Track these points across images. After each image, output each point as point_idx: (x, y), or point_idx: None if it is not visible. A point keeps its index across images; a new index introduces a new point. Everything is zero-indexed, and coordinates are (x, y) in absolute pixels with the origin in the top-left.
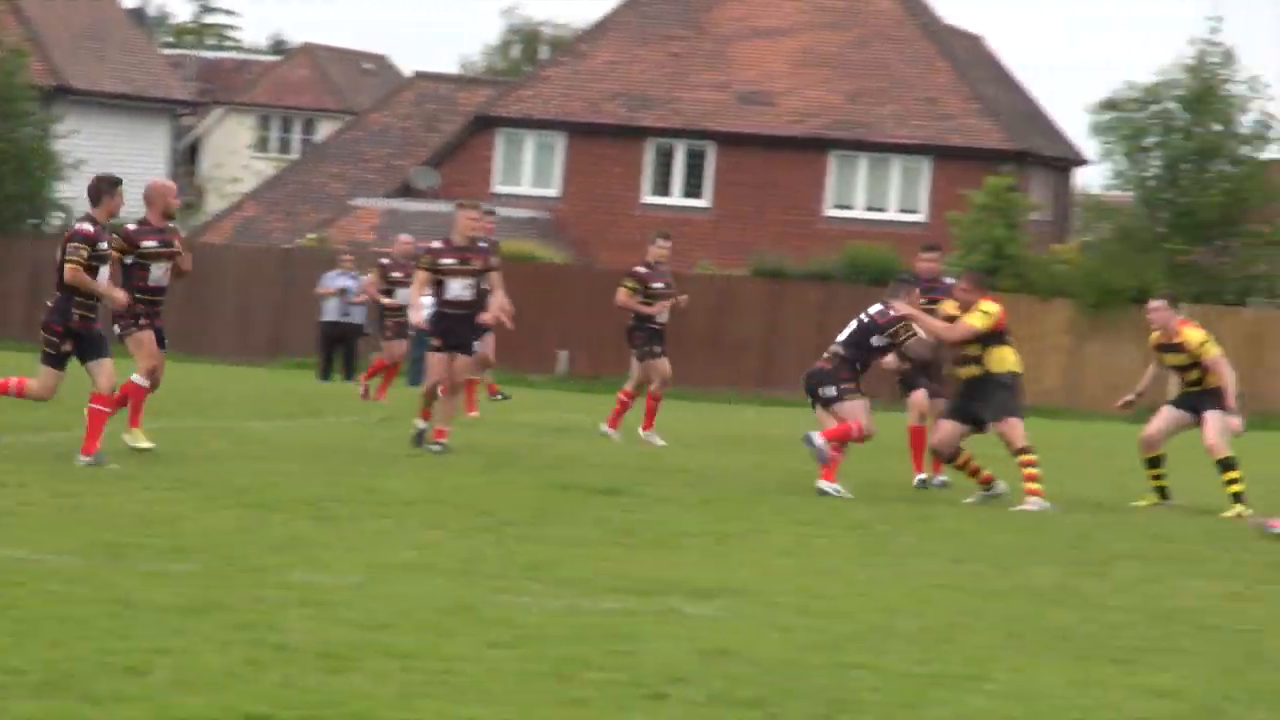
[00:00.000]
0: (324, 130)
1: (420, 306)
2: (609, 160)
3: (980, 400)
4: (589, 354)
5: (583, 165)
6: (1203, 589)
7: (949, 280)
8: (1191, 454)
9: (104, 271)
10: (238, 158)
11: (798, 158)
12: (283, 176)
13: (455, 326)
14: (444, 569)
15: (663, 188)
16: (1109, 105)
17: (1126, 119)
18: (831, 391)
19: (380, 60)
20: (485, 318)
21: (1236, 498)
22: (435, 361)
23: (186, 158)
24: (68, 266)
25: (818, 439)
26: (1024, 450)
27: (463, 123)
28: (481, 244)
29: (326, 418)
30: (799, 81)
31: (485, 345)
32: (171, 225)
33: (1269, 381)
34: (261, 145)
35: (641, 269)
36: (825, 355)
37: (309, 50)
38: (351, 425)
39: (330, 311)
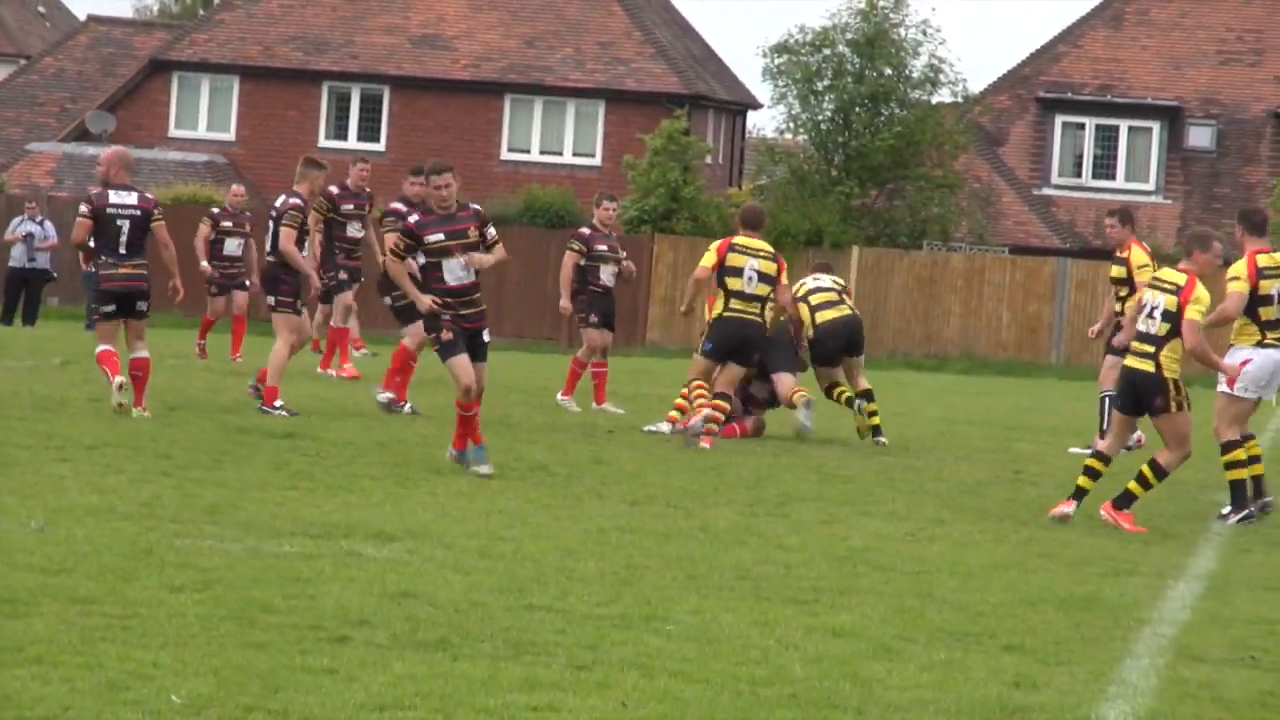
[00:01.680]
0: None
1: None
2: (284, 104)
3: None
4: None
5: (258, 109)
6: (879, 529)
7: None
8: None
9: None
10: None
11: (473, 102)
12: None
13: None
14: (124, 513)
15: (339, 131)
16: (781, 49)
17: (799, 63)
18: None
19: (53, 3)
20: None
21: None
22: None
23: None
24: None
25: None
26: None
27: (138, 67)
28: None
29: (6, 362)
30: (474, 25)
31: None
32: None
33: (942, 323)
34: None
35: (586, 230)
36: None
37: None
38: (30, 370)
39: (17, 257)
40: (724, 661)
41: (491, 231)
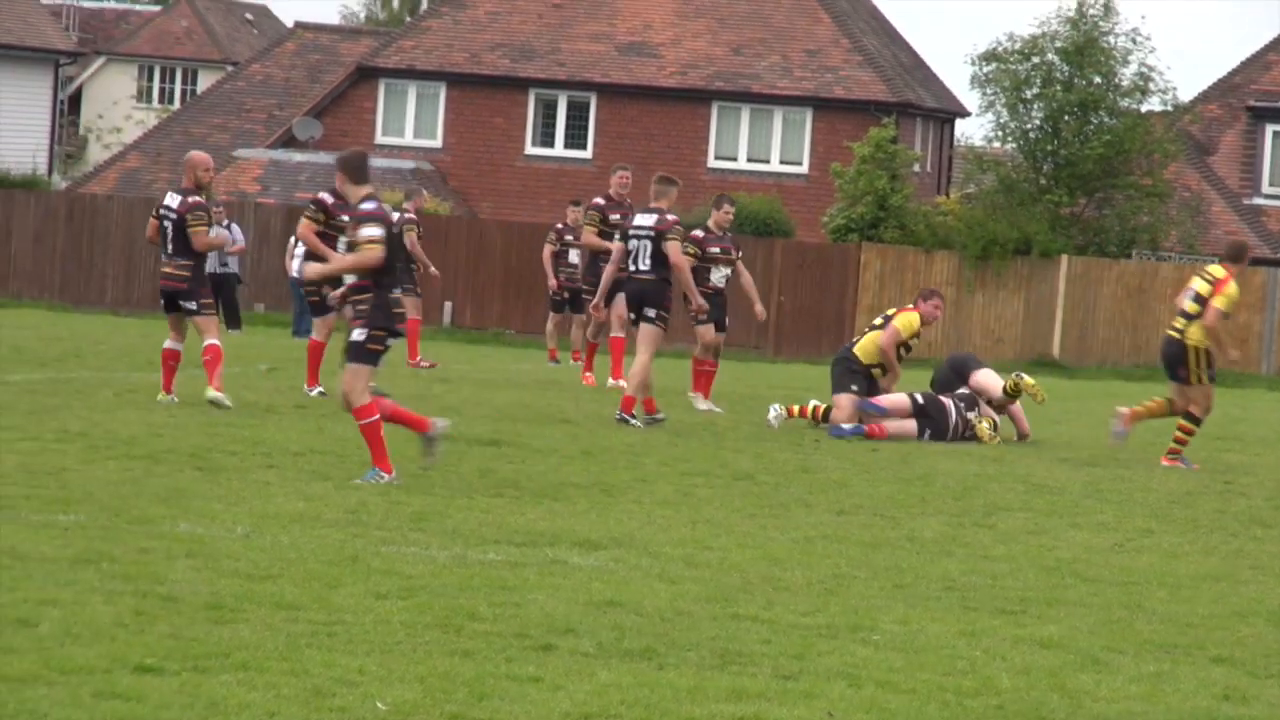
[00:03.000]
0: (206, 81)
1: (295, 256)
2: (491, 111)
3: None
4: (473, 306)
5: (465, 116)
6: (1087, 541)
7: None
8: (1083, 406)
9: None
10: (120, 108)
11: (680, 109)
12: (165, 127)
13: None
14: (330, 520)
15: (546, 139)
16: (990, 57)
17: (1008, 70)
18: None
19: (261, 10)
20: None
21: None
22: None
23: (69, 108)
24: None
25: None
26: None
27: (344, 73)
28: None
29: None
30: (681, 32)
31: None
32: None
33: (1151, 332)
34: (144, 96)
35: (699, 232)
36: None
37: (190, 0)
38: (236, 376)
39: (209, 263)
40: (930, 672)
41: None
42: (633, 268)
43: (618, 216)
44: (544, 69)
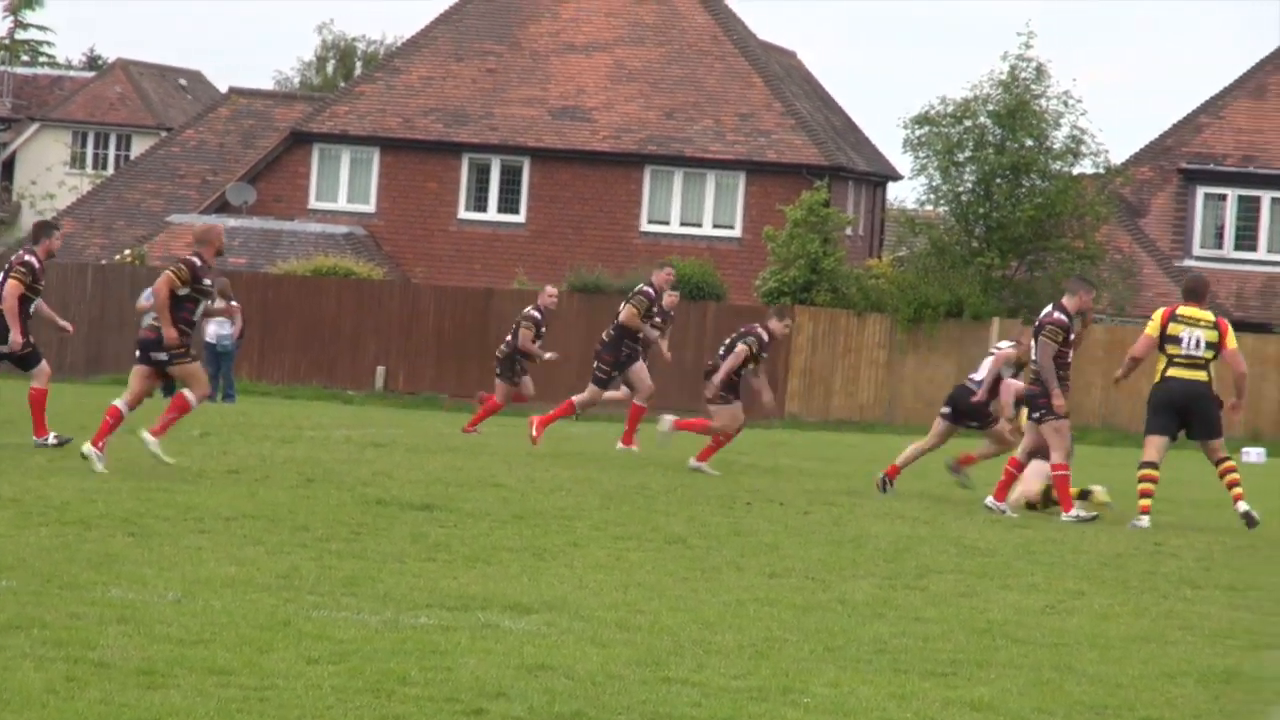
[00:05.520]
0: (140, 147)
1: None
2: (424, 176)
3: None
4: (406, 370)
5: (398, 181)
6: (1018, 602)
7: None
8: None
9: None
10: (53, 174)
11: (613, 173)
12: (99, 193)
13: None
14: (261, 584)
15: (479, 203)
16: (922, 120)
17: (940, 134)
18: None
19: (195, 76)
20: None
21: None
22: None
23: (2, 174)
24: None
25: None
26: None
27: (278, 139)
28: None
29: (143, 432)
30: (614, 96)
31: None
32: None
33: (1083, 393)
34: (77, 161)
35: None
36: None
37: (124, 66)
38: (169, 440)
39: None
40: None
41: None
42: None
43: (657, 309)
44: (477, 133)
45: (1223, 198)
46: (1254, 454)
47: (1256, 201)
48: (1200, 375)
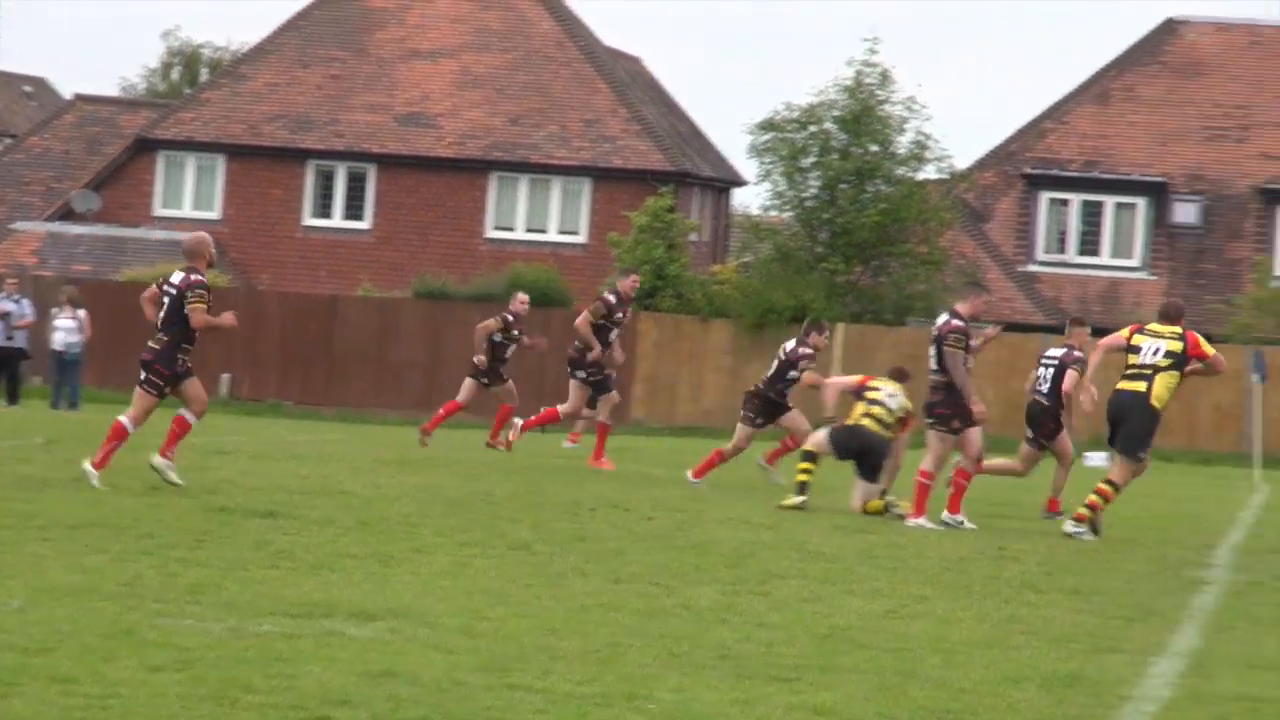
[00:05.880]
0: None
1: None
2: (269, 183)
3: None
4: (251, 377)
5: (243, 188)
6: (861, 607)
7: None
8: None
9: None
10: None
11: (458, 179)
12: None
13: None
14: (105, 592)
15: (324, 210)
16: (767, 126)
17: (785, 140)
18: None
19: (40, 83)
20: None
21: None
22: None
23: None
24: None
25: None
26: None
27: (124, 145)
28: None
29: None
30: (459, 103)
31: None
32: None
33: (923, 398)
34: None
35: (610, 297)
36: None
37: None
38: (11, 449)
39: None
40: None
41: None
42: None
43: (621, 315)
44: (322, 140)
45: (1066, 203)
46: (1096, 458)
47: (1099, 206)
48: (1139, 386)
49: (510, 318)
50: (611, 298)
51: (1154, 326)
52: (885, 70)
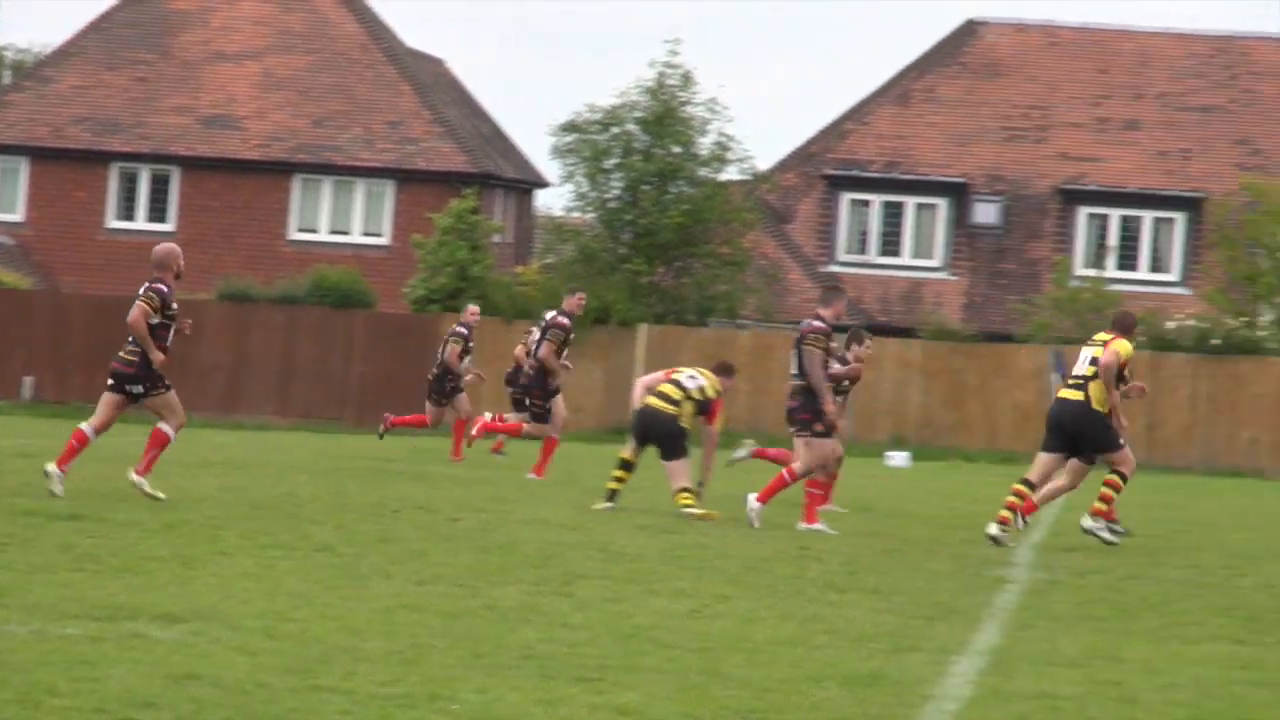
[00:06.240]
0: None
1: None
2: (73, 185)
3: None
4: (55, 380)
5: (47, 190)
6: (664, 607)
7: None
8: (662, 474)
9: None
10: None
11: (262, 182)
12: None
13: None
14: None
15: (127, 212)
16: (570, 128)
17: (587, 141)
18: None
19: None
20: None
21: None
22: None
23: None
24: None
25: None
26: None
27: None
28: None
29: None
30: (264, 105)
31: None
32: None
33: (729, 399)
34: None
35: (565, 320)
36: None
37: None
38: None
39: None
40: None
41: None
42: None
43: (573, 335)
44: (127, 142)
45: (867, 203)
46: (898, 458)
47: (900, 207)
48: (1078, 395)
49: (464, 331)
50: (566, 320)
51: (1098, 335)
52: (687, 72)
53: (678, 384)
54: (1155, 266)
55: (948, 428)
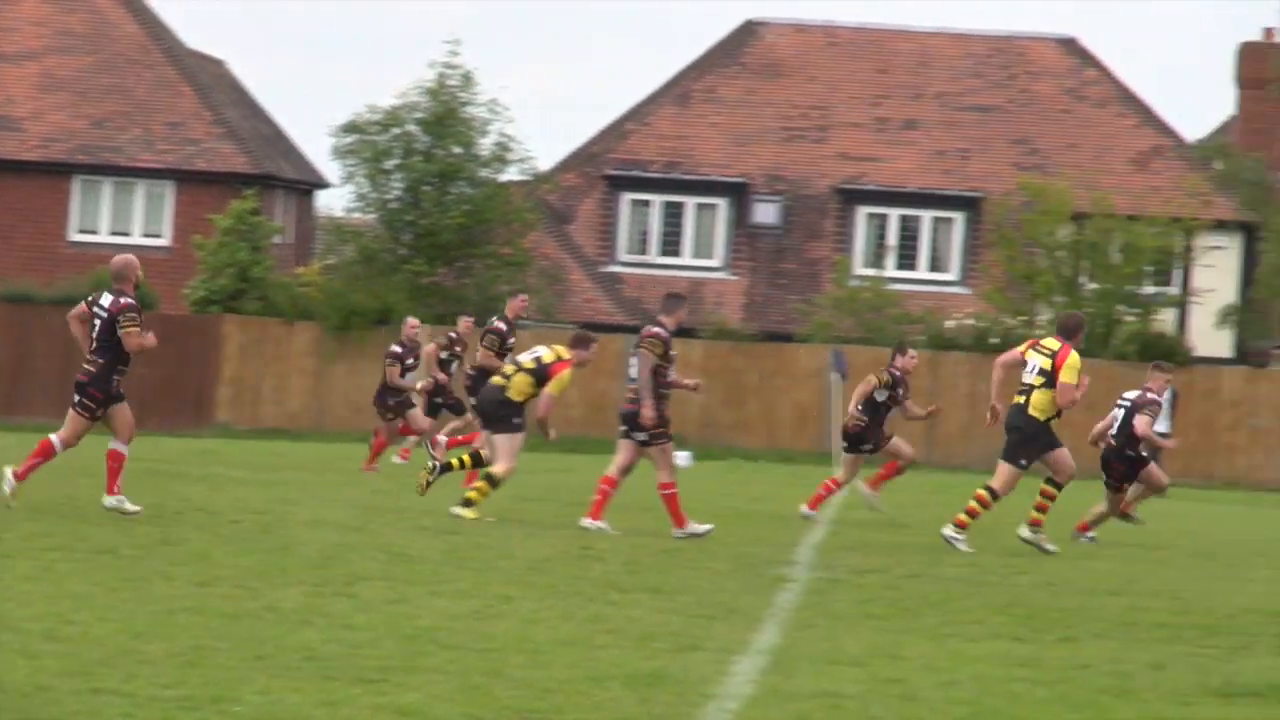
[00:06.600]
0: None
1: None
2: None
3: None
4: None
5: None
6: (446, 608)
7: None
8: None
9: None
10: None
11: (41, 182)
12: None
13: None
14: None
15: None
16: (351, 128)
17: (368, 142)
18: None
19: None
20: None
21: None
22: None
23: None
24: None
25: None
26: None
27: None
28: None
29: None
30: (42, 106)
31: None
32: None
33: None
34: None
35: (501, 325)
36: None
37: None
38: None
39: None
40: None
41: None
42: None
43: (513, 340)
44: None
45: (648, 203)
46: (679, 458)
47: (681, 207)
48: (1019, 400)
49: (399, 350)
50: (502, 325)
51: (1045, 342)
52: (468, 72)
53: (515, 361)
54: (934, 266)
55: (728, 427)
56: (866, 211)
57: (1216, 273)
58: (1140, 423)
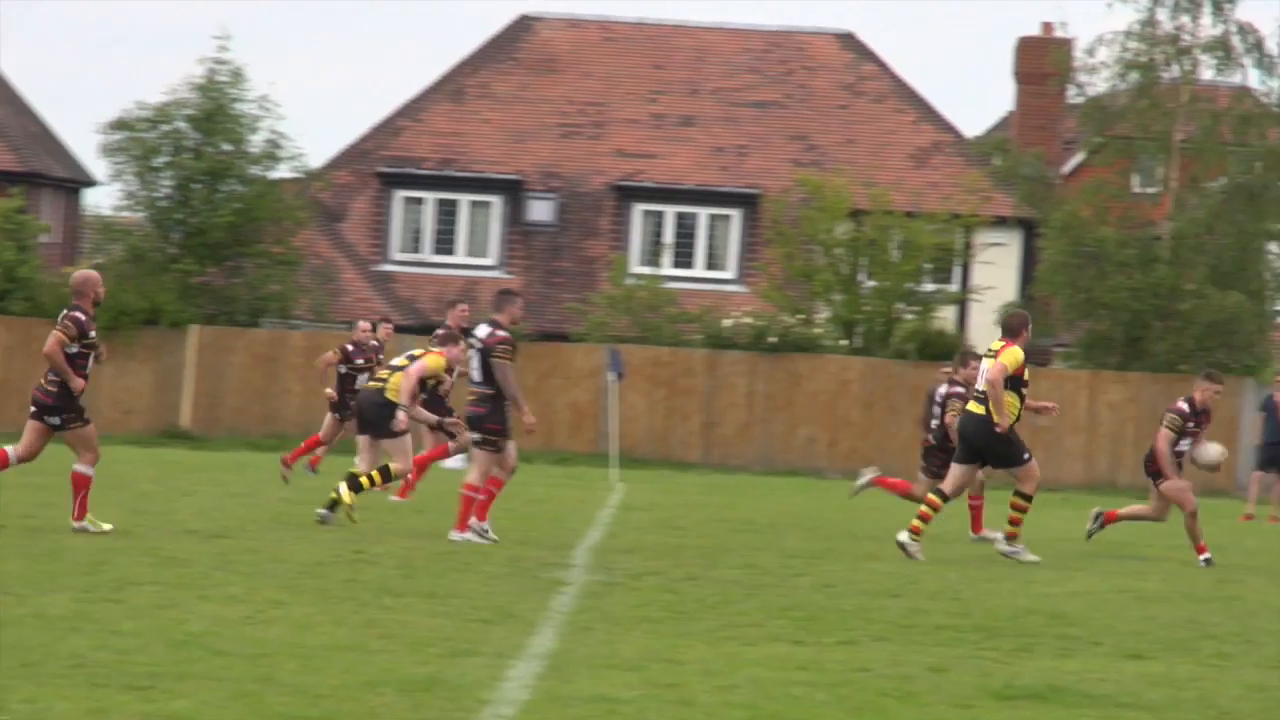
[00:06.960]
0: None
1: None
2: None
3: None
4: None
5: None
6: (216, 613)
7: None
8: (212, 477)
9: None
10: None
11: None
12: None
13: None
14: None
15: None
16: (119, 125)
17: (137, 139)
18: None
19: None
20: None
21: None
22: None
23: None
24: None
25: None
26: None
27: None
28: None
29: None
30: None
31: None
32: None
33: (281, 401)
34: None
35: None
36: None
37: None
38: None
39: None
40: None
41: None
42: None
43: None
44: None
45: (421, 201)
46: (452, 460)
47: (454, 205)
48: (979, 409)
49: (350, 347)
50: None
51: (993, 344)
52: (238, 68)
53: (389, 365)
54: (711, 264)
55: None
56: (643, 209)
57: (996, 270)
58: (1161, 437)
